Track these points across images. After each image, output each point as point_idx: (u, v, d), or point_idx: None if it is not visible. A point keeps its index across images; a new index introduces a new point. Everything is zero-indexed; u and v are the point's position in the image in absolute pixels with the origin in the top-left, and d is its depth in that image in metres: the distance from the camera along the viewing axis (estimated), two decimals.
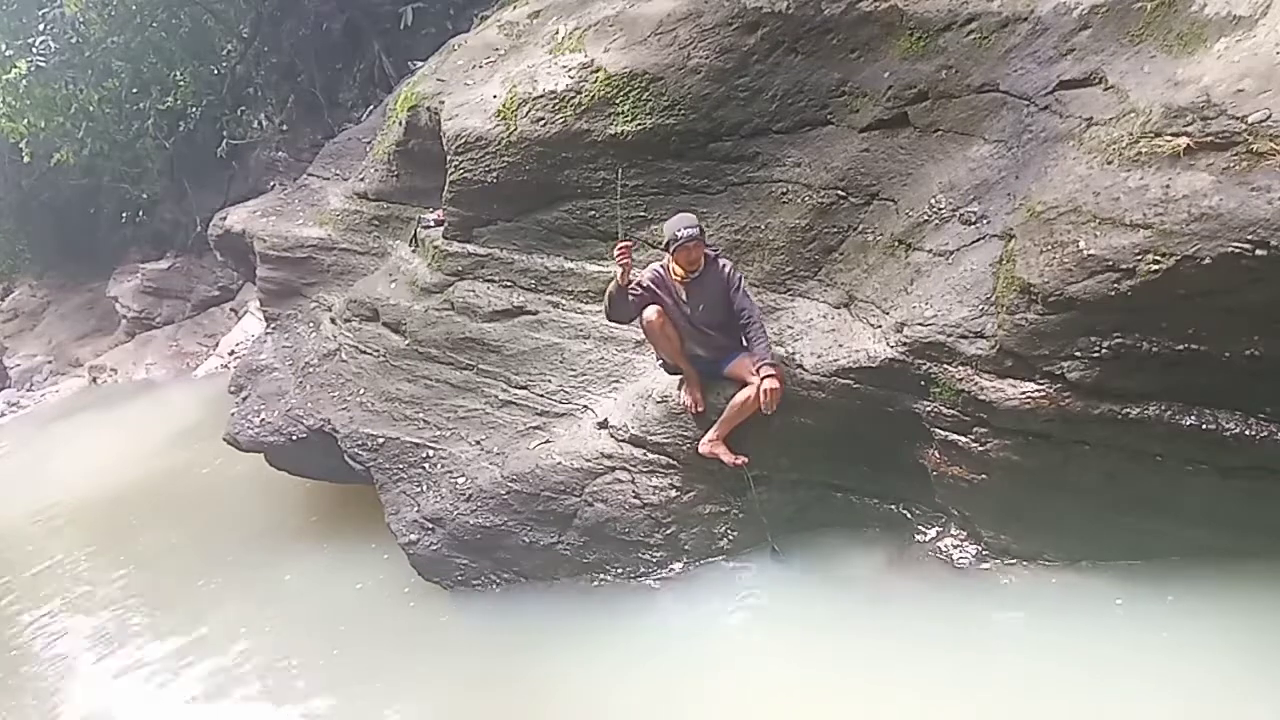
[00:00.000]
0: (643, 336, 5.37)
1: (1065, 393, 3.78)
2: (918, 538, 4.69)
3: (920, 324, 4.17)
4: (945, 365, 4.12)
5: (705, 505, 4.98)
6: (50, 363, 18.49)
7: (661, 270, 4.79)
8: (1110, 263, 3.51)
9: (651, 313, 4.74)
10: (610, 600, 5.05)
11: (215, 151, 15.11)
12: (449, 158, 5.92)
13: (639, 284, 4.72)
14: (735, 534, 4.98)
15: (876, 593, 4.53)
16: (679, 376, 4.95)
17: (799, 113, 5.16)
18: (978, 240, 4.23)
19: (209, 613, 6.42)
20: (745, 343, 4.72)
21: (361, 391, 6.34)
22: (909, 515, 4.76)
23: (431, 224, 6.53)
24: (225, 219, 9.25)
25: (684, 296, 4.75)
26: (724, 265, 4.75)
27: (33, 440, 13.97)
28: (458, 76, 6.52)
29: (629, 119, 5.38)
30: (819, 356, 4.57)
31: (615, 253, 4.66)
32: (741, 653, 4.53)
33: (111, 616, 6.93)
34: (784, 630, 4.56)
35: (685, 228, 4.60)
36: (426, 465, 5.79)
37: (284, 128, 14.51)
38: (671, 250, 4.64)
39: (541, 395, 5.58)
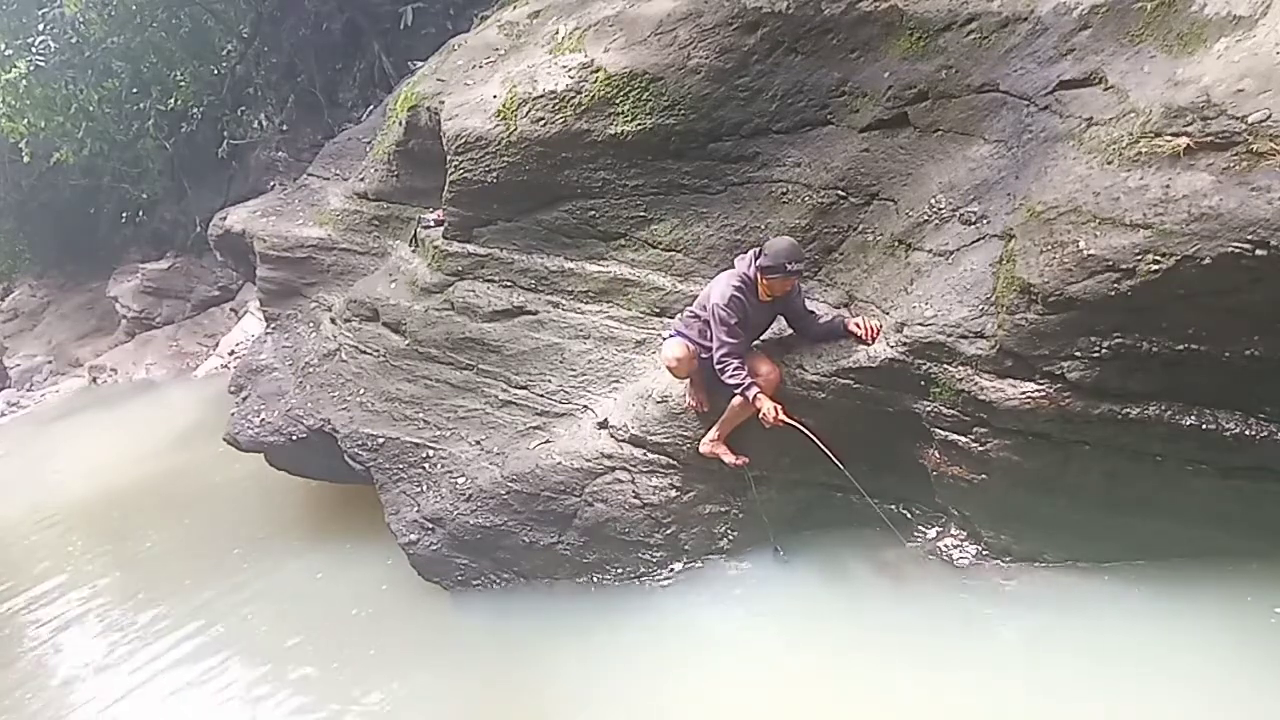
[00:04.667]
0: (643, 337, 5.39)
1: (1065, 393, 3.78)
2: (918, 538, 4.70)
3: (920, 324, 4.17)
4: (945, 365, 4.12)
5: (705, 505, 4.98)
6: (50, 363, 18.51)
7: (745, 286, 4.54)
8: (1110, 263, 3.51)
9: (675, 354, 4.68)
10: (610, 600, 5.05)
11: (215, 152, 15.14)
12: (449, 158, 5.92)
13: (736, 297, 4.48)
14: (735, 534, 4.98)
15: (877, 593, 4.53)
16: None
17: (799, 113, 5.16)
18: (978, 240, 4.23)
19: (208, 611, 6.42)
20: (813, 329, 4.63)
21: (361, 391, 6.34)
22: (909, 515, 4.77)
23: (431, 224, 6.53)
24: (225, 219, 9.26)
25: (755, 309, 4.61)
26: (799, 286, 4.68)
27: (33, 440, 13.97)
28: (458, 76, 6.52)
29: (629, 119, 5.38)
30: (819, 356, 4.57)
31: (771, 421, 4.39)
32: (741, 652, 4.52)
33: (110, 615, 6.93)
34: (784, 630, 4.56)
35: (795, 261, 4.43)
36: (426, 465, 5.79)
37: (284, 128, 14.53)
38: (770, 274, 4.43)
39: (541, 395, 5.58)
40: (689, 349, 4.69)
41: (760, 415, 4.44)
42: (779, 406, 4.44)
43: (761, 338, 4.83)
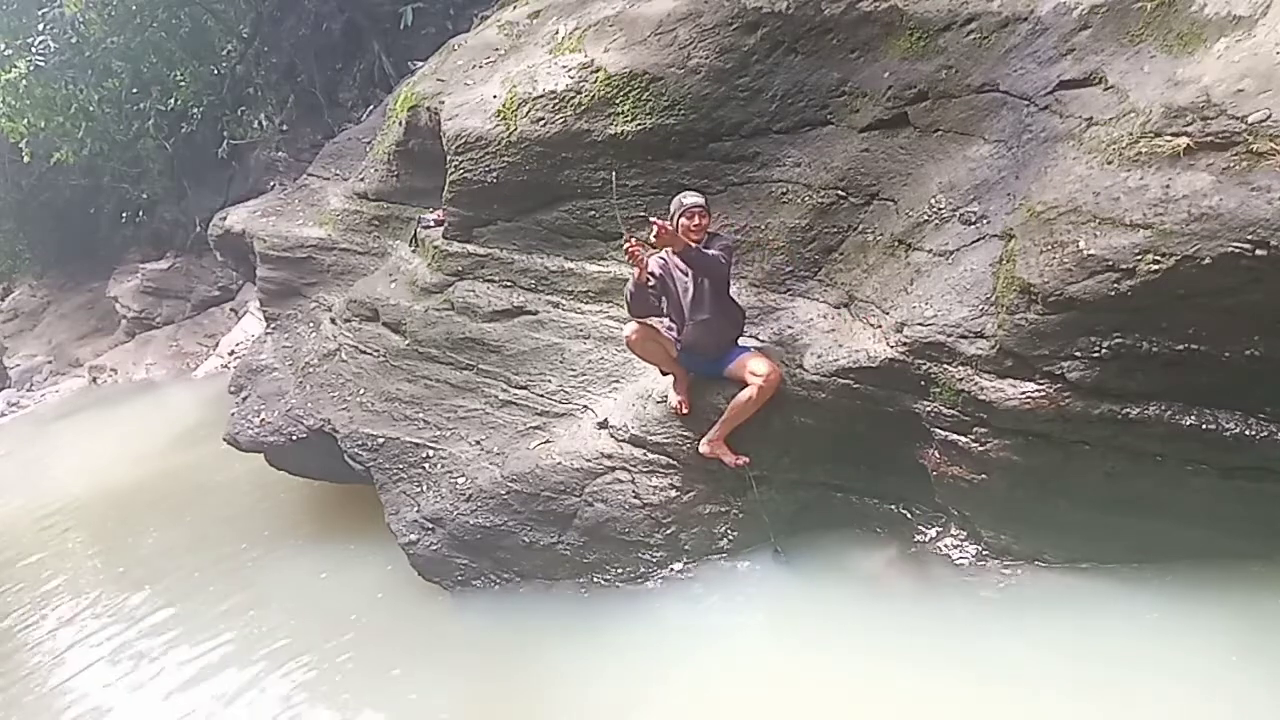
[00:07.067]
0: None
1: (1065, 393, 3.78)
2: (918, 538, 4.69)
3: (920, 324, 4.17)
4: (945, 365, 4.11)
5: (705, 505, 4.97)
6: (50, 363, 18.54)
7: (664, 256, 4.79)
8: (1110, 263, 3.50)
9: (630, 330, 4.79)
10: (610, 600, 5.05)
11: (215, 152, 15.16)
12: (449, 158, 5.92)
13: (650, 274, 4.69)
14: (736, 534, 4.98)
15: (877, 593, 4.52)
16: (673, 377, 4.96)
17: (799, 113, 5.16)
18: (978, 240, 4.23)
19: (208, 612, 6.42)
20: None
21: (361, 391, 6.34)
22: (909, 515, 4.76)
23: (431, 224, 6.54)
24: (225, 219, 9.27)
25: (687, 272, 4.71)
26: (725, 237, 4.83)
27: (33, 440, 13.99)
28: (458, 76, 6.53)
29: (629, 119, 5.38)
30: (819, 356, 4.57)
31: (624, 252, 4.62)
32: (742, 652, 4.52)
33: (110, 615, 6.93)
34: (784, 630, 4.56)
35: (689, 195, 4.71)
36: (426, 465, 5.79)
37: (284, 128, 14.55)
38: (676, 218, 4.64)
39: (541, 395, 5.58)
40: (645, 325, 4.77)
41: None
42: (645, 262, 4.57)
43: (760, 336, 4.83)
